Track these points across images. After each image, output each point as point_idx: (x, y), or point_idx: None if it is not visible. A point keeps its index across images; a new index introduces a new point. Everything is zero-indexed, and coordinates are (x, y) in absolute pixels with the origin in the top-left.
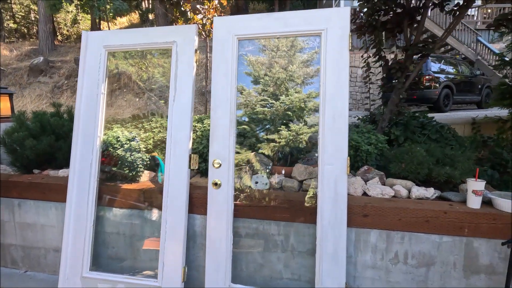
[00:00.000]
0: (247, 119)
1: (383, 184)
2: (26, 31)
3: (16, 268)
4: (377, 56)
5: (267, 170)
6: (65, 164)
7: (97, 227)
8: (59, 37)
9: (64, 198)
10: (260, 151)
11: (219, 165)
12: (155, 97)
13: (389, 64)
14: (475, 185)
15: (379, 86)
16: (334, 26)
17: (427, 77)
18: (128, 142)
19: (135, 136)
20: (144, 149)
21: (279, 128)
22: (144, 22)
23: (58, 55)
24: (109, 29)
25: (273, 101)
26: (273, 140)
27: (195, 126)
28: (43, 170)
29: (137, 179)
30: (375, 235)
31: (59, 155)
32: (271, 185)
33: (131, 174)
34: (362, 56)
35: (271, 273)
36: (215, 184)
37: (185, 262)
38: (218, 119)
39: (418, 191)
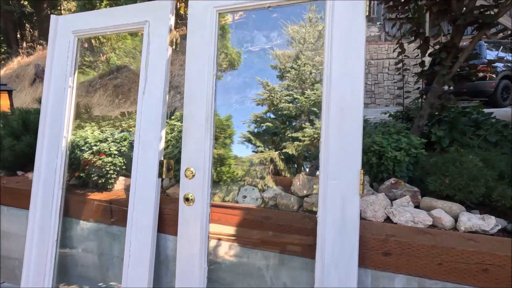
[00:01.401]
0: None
1: (417, 205)
2: None
3: None
4: (413, 34)
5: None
6: None
7: (64, 242)
8: None
9: None
10: (284, 150)
11: (192, 175)
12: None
13: (429, 42)
14: None
15: (416, 73)
16: None
17: (481, 66)
18: (97, 143)
19: (108, 137)
20: (117, 152)
21: (303, 125)
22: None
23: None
24: None
25: (298, 96)
26: (297, 139)
27: (175, 125)
28: (27, 171)
29: (109, 187)
30: (401, 282)
31: None
32: (263, 201)
33: (100, 181)
34: (394, 36)
35: None
36: (187, 199)
37: None
38: (192, 116)
39: (471, 221)
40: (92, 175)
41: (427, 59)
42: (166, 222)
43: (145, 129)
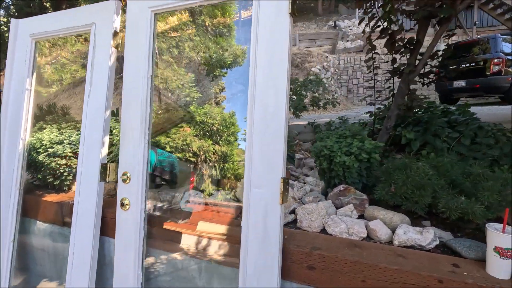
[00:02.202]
0: None
1: (361, 214)
2: None
3: None
4: (374, 26)
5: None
6: None
7: (24, 241)
8: None
9: None
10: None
11: (128, 179)
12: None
13: (393, 38)
14: (499, 239)
15: (389, 71)
16: None
17: (496, 60)
18: (54, 146)
19: (65, 139)
20: (72, 154)
21: None
22: None
23: None
24: None
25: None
26: None
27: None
28: None
29: (64, 188)
30: None
31: None
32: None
33: (56, 183)
34: (363, 32)
35: None
36: (122, 204)
37: None
38: (129, 119)
39: (406, 234)
40: (47, 177)
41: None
42: (110, 226)
43: (89, 133)
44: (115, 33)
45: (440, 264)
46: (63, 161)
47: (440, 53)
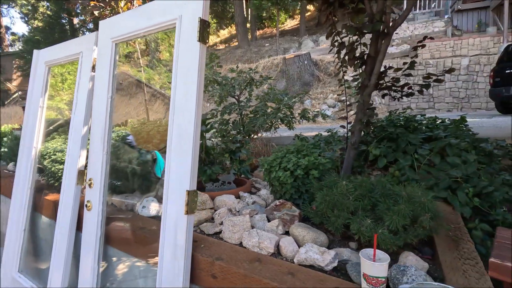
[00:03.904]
0: None
1: (287, 230)
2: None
3: None
4: (332, 41)
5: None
6: None
7: (34, 233)
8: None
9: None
10: None
11: (92, 184)
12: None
13: (346, 51)
14: (369, 268)
15: (356, 85)
16: (188, 12)
17: None
18: (56, 153)
19: (65, 148)
20: None
21: None
22: None
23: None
24: None
25: None
26: None
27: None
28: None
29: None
30: None
31: None
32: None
33: (56, 184)
34: (332, 43)
35: None
36: (86, 205)
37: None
38: (94, 133)
39: (307, 253)
40: (49, 179)
41: None
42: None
43: (72, 145)
44: (94, 60)
45: (322, 286)
46: (61, 166)
47: (386, 68)
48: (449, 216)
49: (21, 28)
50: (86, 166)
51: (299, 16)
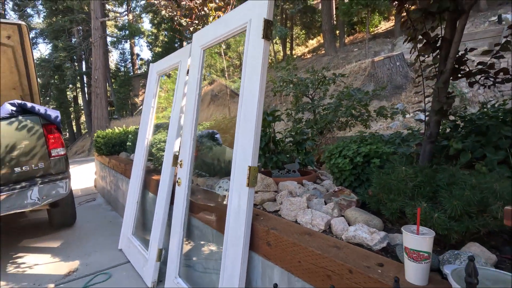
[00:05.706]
0: None
1: (342, 215)
2: None
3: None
4: (404, 30)
5: None
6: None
7: (143, 205)
8: None
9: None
10: None
11: (181, 165)
12: None
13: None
14: (410, 240)
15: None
16: (255, 15)
17: None
18: (160, 143)
19: None
20: None
21: None
22: None
23: None
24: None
25: None
26: None
27: None
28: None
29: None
30: (278, 274)
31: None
32: None
33: (159, 168)
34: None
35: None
36: (177, 182)
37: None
38: (185, 124)
39: (355, 232)
40: (155, 163)
41: None
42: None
43: (171, 133)
44: (188, 66)
45: (366, 261)
46: (163, 153)
47: (467, 50)
48: None
49: (147, 54)
50: (179, 151)
51: (393, 17)
